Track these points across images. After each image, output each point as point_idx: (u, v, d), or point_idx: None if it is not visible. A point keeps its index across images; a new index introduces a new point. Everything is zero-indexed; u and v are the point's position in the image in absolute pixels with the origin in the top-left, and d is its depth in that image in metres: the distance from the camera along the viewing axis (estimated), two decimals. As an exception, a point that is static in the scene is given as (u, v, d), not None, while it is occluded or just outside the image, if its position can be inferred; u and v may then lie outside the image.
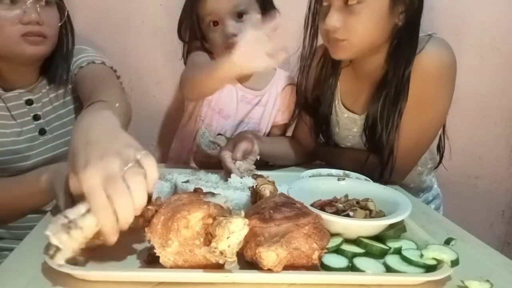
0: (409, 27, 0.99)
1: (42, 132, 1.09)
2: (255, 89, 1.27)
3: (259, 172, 0.92)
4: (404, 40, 1.00)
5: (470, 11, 1.64)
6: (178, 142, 1.37)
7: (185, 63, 1.27)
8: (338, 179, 0.87)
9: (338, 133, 1.21)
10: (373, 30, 0.97)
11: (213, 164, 1.09)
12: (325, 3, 0.99)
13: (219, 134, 1.27)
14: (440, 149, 1.20)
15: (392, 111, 1.02)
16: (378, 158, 1.08)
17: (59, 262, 0.54)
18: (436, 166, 1.24)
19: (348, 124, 1.17)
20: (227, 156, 0.97)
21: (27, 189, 0.83)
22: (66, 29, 1.10)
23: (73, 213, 0.56)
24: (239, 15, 1.12)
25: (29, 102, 1.08)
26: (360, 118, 1.14)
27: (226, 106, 1.26)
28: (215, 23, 1.13)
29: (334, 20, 0.96)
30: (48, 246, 0.54)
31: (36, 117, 1.08)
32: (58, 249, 0.53)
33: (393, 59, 1.02)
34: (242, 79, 1.27)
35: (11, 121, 1.05)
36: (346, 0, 0.94)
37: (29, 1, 0.97)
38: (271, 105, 1.28)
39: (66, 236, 0.53)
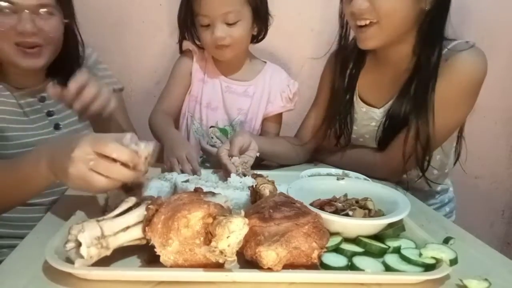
0: (436, 13, 0.99)
1: (57, 127, 1.11)
2: (240, 80, 1.30)
3: (258, 172, 0.92)
4: (431, 27, 1.01)
5: (470, 11, 1.64)
6: None
7: (180, 51, 1.30)
8: (337, 179, 0.87)
9: (356, 130, 1.21)
10: (400, 11, 0.97)
11: (213, 159, 1.11)
12: None
13: (211, 126, 1.29)
14: (456, 153, 1.20)
15: (423, 100, 1.02)
16: (383, 155, 1.09)
17: (77, 264, 0.55)
18: (454, 162, 1.24)
19: (366, 119, 1.18)
20: (223, 153, 0.98)
21: (25, 173, 0.78)
22: (69, 36, 1.10)
23: (109, 227, 0.58)
24: (231, 22, 1.14)
25: (42, 99, 1.10)
26: (379, 111, 1.14)
27: (212, 98, 1.29)
28: (207, 24, 1.16)
29: (360, 1, 0.97)
30: (68, 241, 0.56)
31: (49, 113, 1.11)
32: (81, 255, 0.55)
33: (422, 46, 1.03)
34: (227, 71, 1.30)
35: (23, 117, 1.07)
36: None
37: (25, 11, 0.97)
38: (259, 96, 1.30)
39: (96, 252, 0.56)
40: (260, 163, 1.18)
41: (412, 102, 1.05)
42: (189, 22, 1.21)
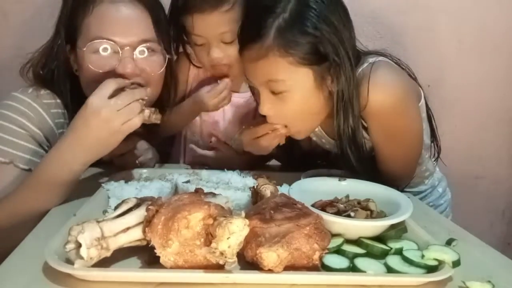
0: (345, 83, 0.90)
1: None
2: (241, 91, 1.24)
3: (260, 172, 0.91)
4: (345, 93, 0.91)
5: (470, 11, 1.64)
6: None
7: (176, 53, 1.22)
8: (339, 180, 0.87)
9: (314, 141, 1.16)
10: (307, 110, 0.92)
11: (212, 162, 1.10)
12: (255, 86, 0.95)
13: (211, 142, 1.23)
14: (435, 139, 1.14)
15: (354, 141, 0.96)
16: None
17: (77, 265, 0.55)
18: (436, 157, 1.19)
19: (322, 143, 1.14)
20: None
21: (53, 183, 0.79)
22: (168, 78, 1.04)
23: (109, 228, 0.58)
24: (228, 41, 1.06)
25: None
26: (334, 142, 1.08)
27: (212, 112, 1.23)
28: (201, 43, 1.09)
29: (265, 109, 0.92)
30: (68, 241, 0.56)
31: None
32: (81, 256, 0.55)
33: (339, 112, 0.93)
34: None
35: None
36: (271, 90, 0.89)
37: (126, 49, 0.90)
38: None
39: (96, 254, 0.56)
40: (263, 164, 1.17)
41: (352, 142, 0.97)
42: (181, 38, 1.13)
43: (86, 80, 0.94)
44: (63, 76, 0.98)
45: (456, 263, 0.61)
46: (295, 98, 0.89)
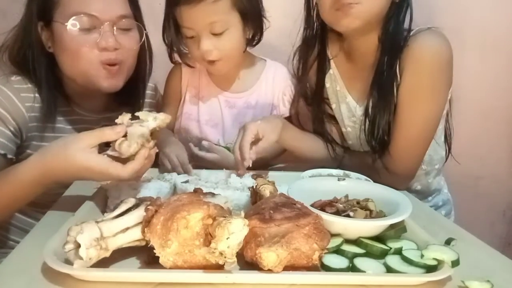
0: (402, 4, 1.00)
1: None
2: (240, 91, 1.23)
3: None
4: (397, 16, 1.01)
5: (470, 11, 1.64)
6: None
7: (171, 61, 1.25)
8: (338, 179, 0.87)
9: (341, 120, 1.19)
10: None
11: (206, 164, 1.10)
12: None
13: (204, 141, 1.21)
14: (446, 145, 1.17)
15: (385, 97, 1.02)
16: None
17: (76, 266, 0.55)
18: (445, 160, 1.21)
19: (347, 112, 1.16)
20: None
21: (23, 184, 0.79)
22: (143, 53, 1.08)
23: (108, 229, 0.58)
24: (218, 32, 1.06)
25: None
26: (359, 109, 1.12)
27: (211, 115, 1.22)
28: (192, 36, 1.08)
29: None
30: (67, 242, 0.56)
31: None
32: (80, 256, 0.55)
33: (386, 35, 1.02)
34: (223, 84, 1.22)
35: None
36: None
37: (106, 24, 0.93)
38: (262, 105, 1.22)
39: (95, 254, 0.56)
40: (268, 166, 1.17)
41: (374, 98, 1.04)
42: (175, 35, 1.13)
43: (65, 55, 0.97)
44: (37, 55, 0.98)
45: (455, 263, 0.61)
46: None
